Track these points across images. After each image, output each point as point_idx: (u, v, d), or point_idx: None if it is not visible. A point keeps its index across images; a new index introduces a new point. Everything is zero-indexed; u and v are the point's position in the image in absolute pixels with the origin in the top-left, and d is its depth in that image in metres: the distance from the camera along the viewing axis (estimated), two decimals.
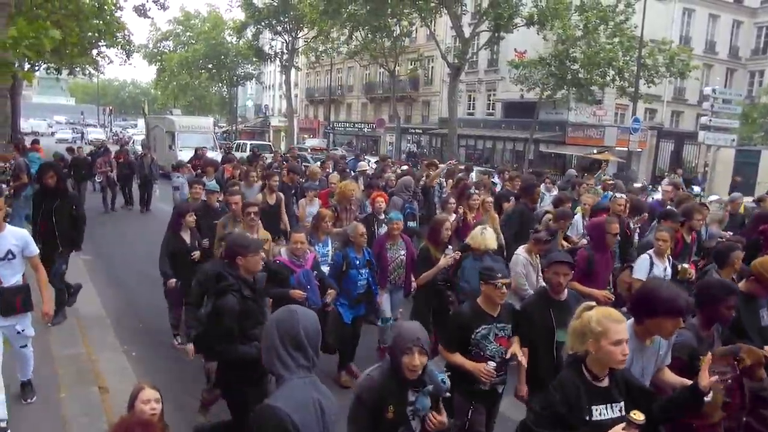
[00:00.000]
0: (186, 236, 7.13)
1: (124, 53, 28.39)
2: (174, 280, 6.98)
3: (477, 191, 9.70)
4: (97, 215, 16.06)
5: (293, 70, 48.81)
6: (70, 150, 19.69)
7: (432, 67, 44.60)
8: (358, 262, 6.35)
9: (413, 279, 6.92)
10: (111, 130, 70.10)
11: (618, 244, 7.40)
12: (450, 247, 6.26)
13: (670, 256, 6.69)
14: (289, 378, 2.55)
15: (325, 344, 6.05)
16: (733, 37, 39.86)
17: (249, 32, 45.87)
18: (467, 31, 30.82)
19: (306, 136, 56.98)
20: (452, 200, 8.99)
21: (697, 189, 22.61)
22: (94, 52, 25.99)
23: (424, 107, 47.26)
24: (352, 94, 55.35)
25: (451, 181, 12.59)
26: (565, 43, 27.46)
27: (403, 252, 6.99)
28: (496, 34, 29.29)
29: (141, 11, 25.46)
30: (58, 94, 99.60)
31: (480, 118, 41.93)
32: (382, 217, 8.05)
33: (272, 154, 29.33)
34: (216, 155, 24.57)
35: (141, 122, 62.89)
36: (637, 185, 22.28)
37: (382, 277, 6.82)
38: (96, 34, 21.94)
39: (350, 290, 6.35)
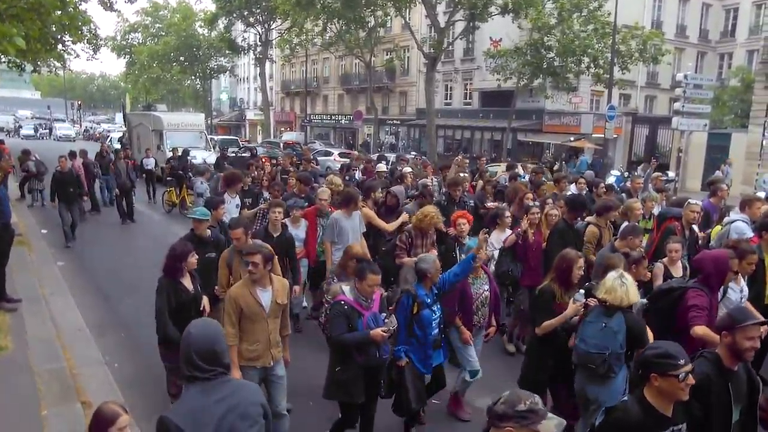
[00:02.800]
0: (187, 282, 5.60)
1: (90, 48, 27.55)
2: None
3: (535, 203, 8.22)
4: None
5: (268, 63, 48.28)
6: (25, 154, 17.72)
7: (408, 57, 44.39)
8: (429, 300, 5.26)
9: (495, 323, 6.18)
10: (81, 125, 68.71)
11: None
12: (581, 291, 5.03)
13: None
14: (185, 389, 2.94)
15: (408, 409, 5.27)
16: (703, 20, 40.35)
17: (221, 24, 45.18)
18: (442, 21, 30.70)
19: (283, 129, 56.52)
20: (508, 213, 7.88)
21: (671, 174, 22.86)
22: (59, 47, 25.15)
23: (401, 98, 47.09)
24: (329, 86, 54.96)
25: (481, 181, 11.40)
26: (540, 32, 27.50)
27: (486, 287, 6.04)
28: (471, 24, 29.25)
29: (107, 4, 24.70)
30: (21, 87, 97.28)
31: (457, 108, 41.92)
32: (466, 243, 6.92)
33: (240, 149, 28.63)
34: (209, 156, 23.17)
35: (119, 117, 61.40)
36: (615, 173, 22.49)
37: (466, 319, 5.88)
38: (61, 28, 21.15)
39: (425, 334, 5.23)
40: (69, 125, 63.22)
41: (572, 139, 32.81)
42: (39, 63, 26.60)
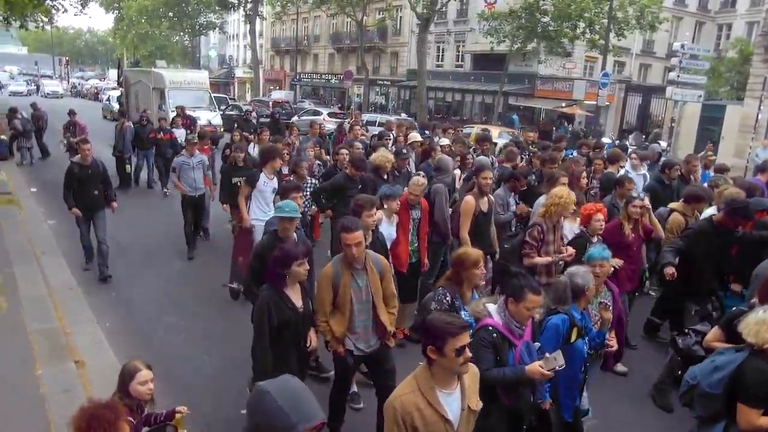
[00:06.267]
0: (295, 295, 4.31)
1: (79, 2, 26.98)
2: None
3: (642, 194, 6.71)
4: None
5: (258, 19, 47.43)
6: (12, 112, 16.95)
7: (400, 17, 43.70)
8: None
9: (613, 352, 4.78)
10: (68, 81, 67.49)
11: None
12: None
13: None
14: None
15: None
16: None
17: None
18: None
19: (272, 87, 55.87)
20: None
21: (663, 144, 22.91)
22: (47, 1, 24.50)
23: (392, 58, 46.55)
24: (319, 45, 54.15)
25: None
26: None
27: (608, 304, 4.71)
28: None
29: None
30: (8, 42, 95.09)
31: (449, 70, 41.52)
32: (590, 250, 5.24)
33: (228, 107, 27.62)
34: (214, 117, 22.02)
35: (112, 73, 59.70)
36: (606, 140, 22.53)
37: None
38: None
39: (575, 370, 4.11)
40: (56, 82, 61.86)
41: (564, 105, 32.75)
42: (27, 18, 25.94)
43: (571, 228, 6.37)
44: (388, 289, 4.59)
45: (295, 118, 27.68)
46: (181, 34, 59.47)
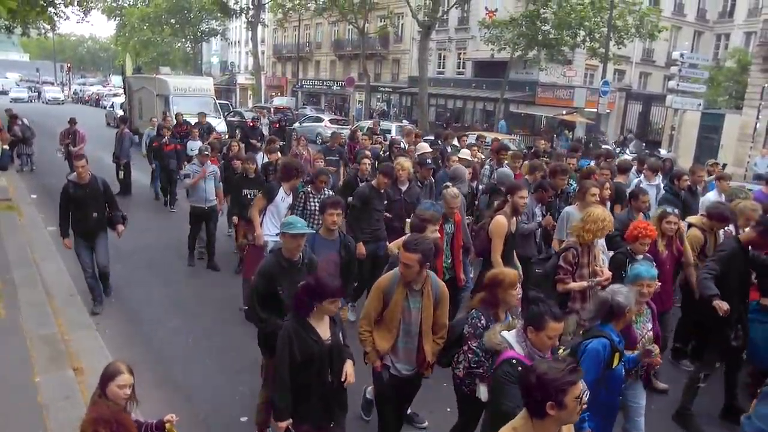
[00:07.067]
0: (323, 327, 3.82)
1: (81, 10, 27.09)
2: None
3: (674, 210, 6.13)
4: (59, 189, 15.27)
5: (260, 26, 47.60)
6: (13, 118, 16.90)
7: (402, 24, 43.86)
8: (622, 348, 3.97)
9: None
10: (70, 88, 67.70)
11: None
12: None
13: None
14: None
15: None
16: (701, 0, 39.96)
17: None
18: None
19: (273, 93, 56.01)
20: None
21: (664, 152, 22.96)
22: (50, 9, 24.59)
23: (393, 65, 46.69)
24: (321, 52, 54.32)
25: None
26: (536, 3, 27.28)
27: (650, 326, 4.49)
28: None
29: None
30: (9, 49, 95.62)
31: (450, 77, 41.64)
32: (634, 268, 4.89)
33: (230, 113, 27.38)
34: (219, 123, 21.70)
35: (115, 80, 59.68)
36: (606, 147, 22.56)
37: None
38: None
39: (615, 396, 4.00)
40: (58, 88, 62.01)
41: (564, 112, 32.81)
42: (29, 26, 25.90)
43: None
44: (441, 318, 4.31)
45: (296, 125, 27.75)
46: (183, 40, 59.70)
